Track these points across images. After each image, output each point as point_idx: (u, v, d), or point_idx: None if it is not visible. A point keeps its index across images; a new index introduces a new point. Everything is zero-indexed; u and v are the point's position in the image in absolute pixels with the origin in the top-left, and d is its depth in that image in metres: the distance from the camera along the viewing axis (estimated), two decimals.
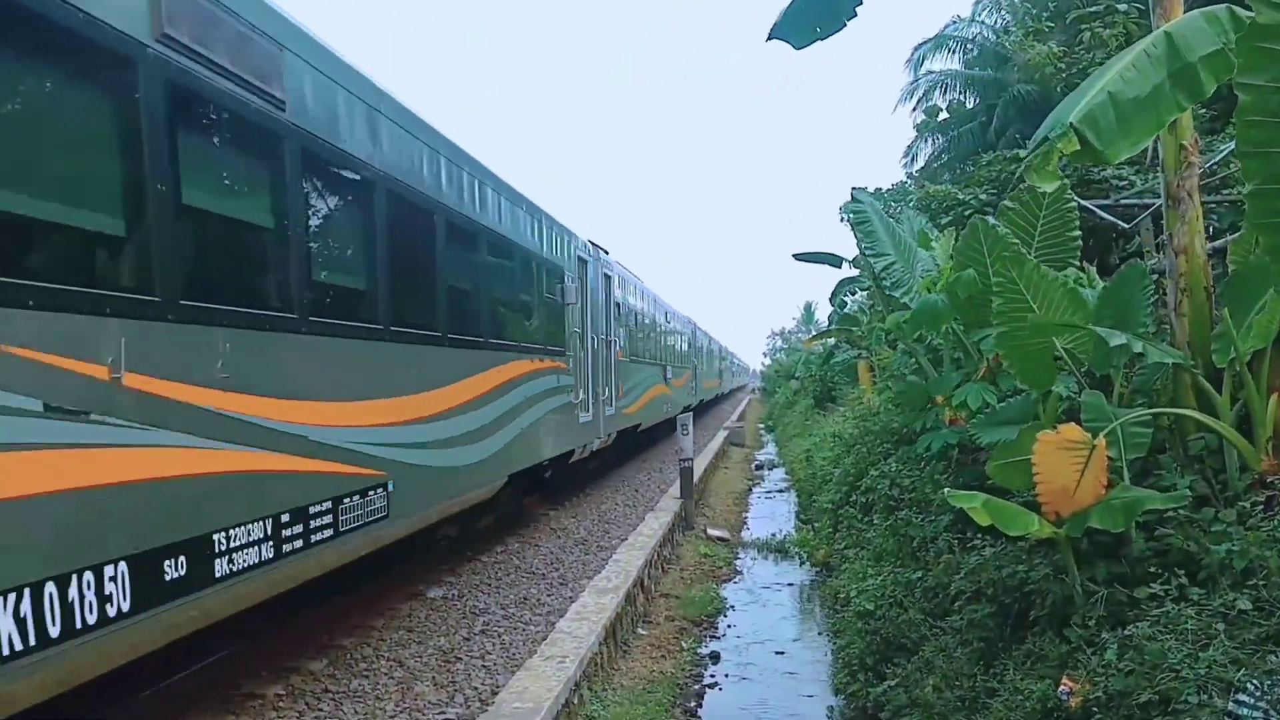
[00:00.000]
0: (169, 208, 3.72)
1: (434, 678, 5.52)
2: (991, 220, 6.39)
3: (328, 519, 4.90)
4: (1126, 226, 7.71)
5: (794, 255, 15.05)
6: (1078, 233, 6.51)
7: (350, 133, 5.35)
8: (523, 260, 8.93)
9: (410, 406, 5.98)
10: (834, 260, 14.00)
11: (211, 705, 4.96)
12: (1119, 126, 4.01)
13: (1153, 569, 4.32)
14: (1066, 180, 6.73)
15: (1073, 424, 4.54)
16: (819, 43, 5.12)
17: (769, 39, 5.93)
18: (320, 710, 5.05)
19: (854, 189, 8.17)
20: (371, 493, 5.39)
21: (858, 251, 9.26)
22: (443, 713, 5.01)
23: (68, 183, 3.30)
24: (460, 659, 5.86)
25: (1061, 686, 4.01)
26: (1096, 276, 6.38)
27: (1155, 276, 5.79)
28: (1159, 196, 7.22)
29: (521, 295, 9.04)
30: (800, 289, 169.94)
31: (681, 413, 15.58)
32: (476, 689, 5.33)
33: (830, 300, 21.22)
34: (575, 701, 5.34)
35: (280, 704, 5.09)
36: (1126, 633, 3.97)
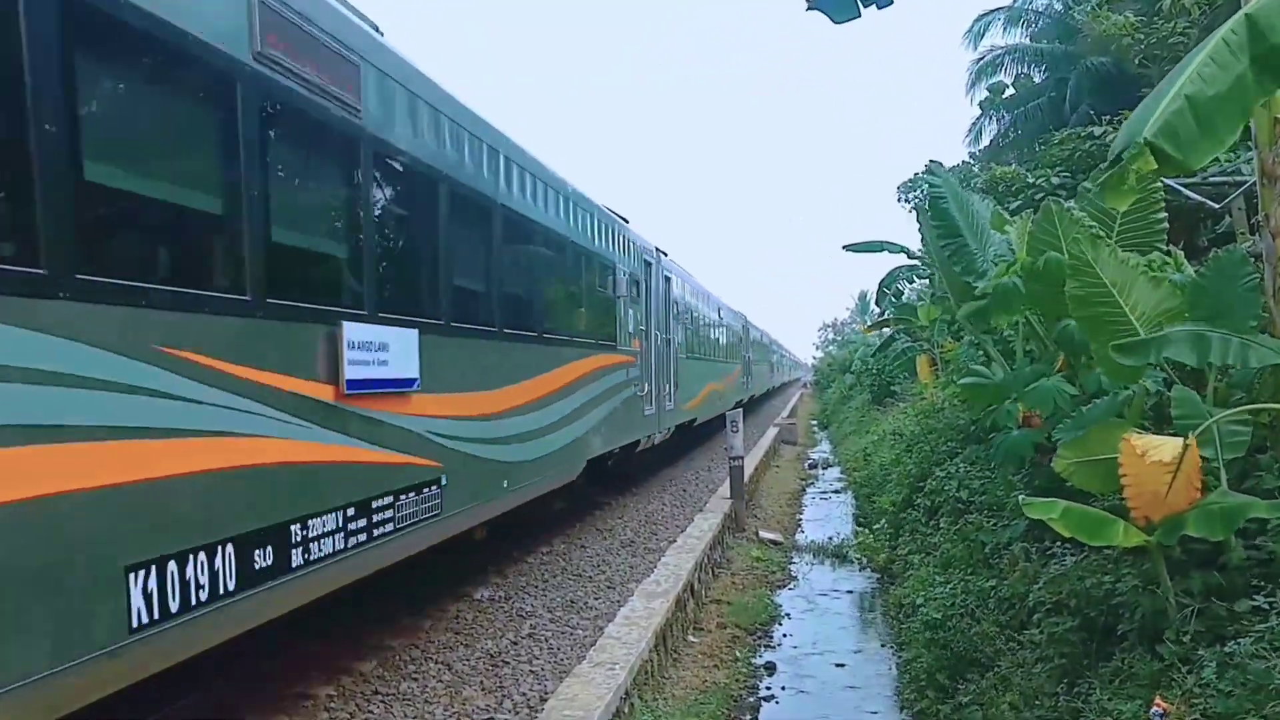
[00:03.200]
0: None
1: (482, 682, 5.43)
2: (1069, 204, 5.99)
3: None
4: (1216, 206, 7.18)
5: (844, 247, 14.68)
6: (1163, 215, 6.10)
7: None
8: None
9: None
10: (893, 247, 13.51)
11: (262, 705, 4.95)
12: (1200, 130, 3.79)
13: (1255, 580, 4.04)
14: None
15: (1148, 436, 4.18)
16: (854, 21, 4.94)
17: (809, 9, 5.72)
18: (370, 712, 5.01)
19: (931, 162, 7.74)
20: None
21: (920, 236, 8.84)
22: (491, 718, 4.90)
23: None
24: (508, 663, 5.76)
25: (1154, 708, 3.77)
26: (1184, 260, 5.92)
27: (1252, 261, 5.33)
28: (1251, 174, 6.72)
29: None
30: (852, 279, 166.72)
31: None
32: (525, 695, 5.23)
33: (878, 301, 20.46)
34: (626, 710, 5.20)
35: (331, 704, 5.08)
36: (1227, 650, 3.71)
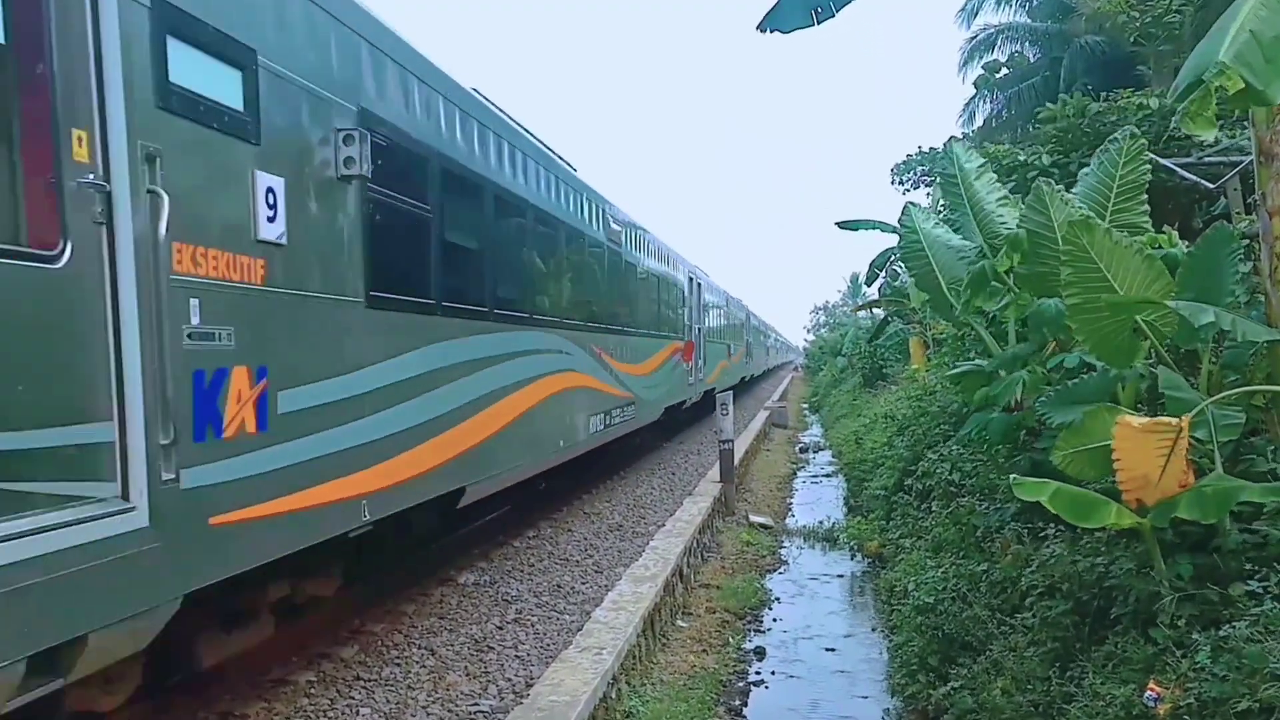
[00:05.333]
0: None
1: (466, 667, 5.36)
2: (1078, 186, 5.90)
3: None
4: (1211, 186, 7.10)
5: (837, 223, 14.68)
6: (1144, 198, 6.01)
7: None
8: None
9: None
10: (884, 226, 13.49)
11: (243, 691, 4.88)
12: (1269, 66, 3.69)
13: (1249, 563, 3.99)
14: (1145, 140, 6.21)
15: (1148, 418, 4.12)
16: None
17: (760, 29, 5.85)
18: (352, 698, 4.93)
19: (919, 150, 7.66)
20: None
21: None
22: (475, 704, 4.83)
23: None
24: (493, 648, 5.69)
25: (1148, 692, 3.74)
26: (1178, 240, 5.85)
27: (1246, 241, 5.26)
28: (1246, 153, 6.66)
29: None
30: (844, 262, 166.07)
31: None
32: (510, 680, 5.17)
33: (867, 280, 20.49)
34: (613, 696, 5.13)
35: (312, 690, 5.00)
36: (1221, 634, 3.66)
